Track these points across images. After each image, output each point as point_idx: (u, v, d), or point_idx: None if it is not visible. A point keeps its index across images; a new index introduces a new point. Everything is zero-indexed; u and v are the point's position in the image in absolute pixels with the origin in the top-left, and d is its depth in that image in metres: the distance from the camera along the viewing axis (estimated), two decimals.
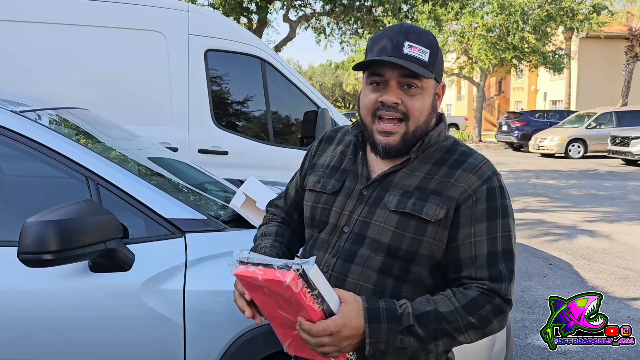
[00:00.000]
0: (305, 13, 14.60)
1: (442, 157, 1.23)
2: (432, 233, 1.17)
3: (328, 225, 1.28)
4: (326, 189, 1.29)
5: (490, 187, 1.19)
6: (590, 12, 20.82)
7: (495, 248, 1.18)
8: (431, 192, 1.18)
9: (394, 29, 1.18)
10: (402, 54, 1.14)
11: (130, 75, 4.26)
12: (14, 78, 3.91)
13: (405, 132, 1.19)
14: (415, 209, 1.17)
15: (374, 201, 1.22)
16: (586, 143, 17.46)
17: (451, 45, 20.96)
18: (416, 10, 14.89)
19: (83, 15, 4.15)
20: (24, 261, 1.48)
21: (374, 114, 1.20)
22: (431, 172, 1.21)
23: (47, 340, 1.73)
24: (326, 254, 1.25)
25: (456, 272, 1.19)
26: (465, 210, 1.17)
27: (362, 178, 1.26)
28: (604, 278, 4.94)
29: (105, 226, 1.59)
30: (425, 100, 1.19)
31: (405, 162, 1.23)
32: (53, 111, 2.30)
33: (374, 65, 1.17)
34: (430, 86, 1.20)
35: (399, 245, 1.18)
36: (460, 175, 1.19)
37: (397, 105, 1.17)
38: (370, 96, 1.20)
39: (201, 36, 4.38)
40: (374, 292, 1.19)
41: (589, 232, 6.75)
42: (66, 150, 1.82)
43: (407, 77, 1.16)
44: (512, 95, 35.38)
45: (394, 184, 1.22)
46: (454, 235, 1.18)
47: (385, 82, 1.17)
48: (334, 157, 1.35)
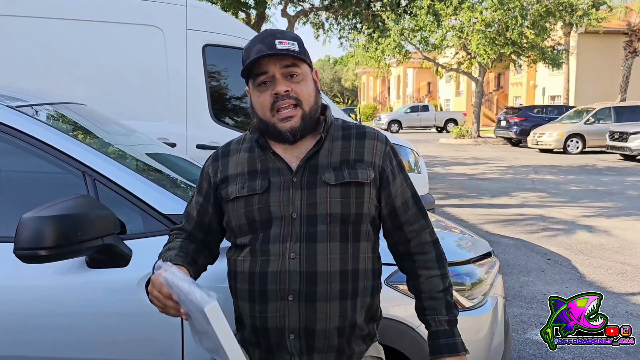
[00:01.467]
0: (303, 8, 14.56)
1: (344, 133, 1.44)
2: (368, 193, 1.38)
3: (274, 220, 1.35)
4: (255, 189, 1.37)
5: (391, 147, 1.47)
6: (589, 7, 20.78)
7: (412, 191, 1.49)
8: (354, 161, 1.39)
9: (261, 35, 1.37)
10: (276, 48, 1.32)
11: (128, 70, 4.25)
12: (11, 73, 3.89)
13: (302, 114, 1.35)
14: (352, 177, 1.36)
15: (308, 184, 1.36)
16: (585, 138, 17.46)
17: (450, 40, 20.91)
18: (414, 6, 14.86)
19: (80, 10, 4.13)
20: (20, 257, 1.47)
21: (272, 108, 1.34)
22: (344, 146, 1.41)
23: (44, 336, 1.72)
24: (286, 243, 1.34)
25: (394, 219, 1.45)
26: (387, 169, 1.43)
27: (284, 169, 1.38)
28: (602, 273, 4.95)
29: (103, 222, 1.58)
30: (309, 84, 1.38)
31: (317, 144, 1.39)
32: (50, 106, 2.29)
33: (257, 66, 1.33)
34: (307, 72, 1.39)
35: (349, 211, 1.36)
36: (369, 143, 1.43)
37: (289, 92, 1.33)
38: (262, 95, 1.35)
39: (199, 31, 4.37)
40: (341, 261, 1.35)
41: (587, 228, 6.76)
42: (63, 145, 1.81)
43: (288, 67, 1.34)
44: (511, 90, 35.37)
45: (320, 165, 1.38)
46: (389, 191, 1.43)
47: (272, 78, 1.34)
48: (243, 163, 1.43)
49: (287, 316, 1.33)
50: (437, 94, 43.59)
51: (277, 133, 1.36)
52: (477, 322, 2.02)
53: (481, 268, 2.12)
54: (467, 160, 15.57)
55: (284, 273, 1.32)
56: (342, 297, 1.35)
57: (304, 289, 1.32)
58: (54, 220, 1.45)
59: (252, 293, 1.36)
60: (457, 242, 2.39)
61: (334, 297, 1.34)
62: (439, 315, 1.45)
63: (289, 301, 1.33)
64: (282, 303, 1.33)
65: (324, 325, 1.34)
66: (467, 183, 10.85)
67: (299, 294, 1.32)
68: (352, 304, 1.36)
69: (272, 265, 1.33)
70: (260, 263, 1.35)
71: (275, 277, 1.33)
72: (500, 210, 7.93)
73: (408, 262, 1.50)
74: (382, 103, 50.07)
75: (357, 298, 1.37)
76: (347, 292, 1.35)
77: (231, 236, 1.44)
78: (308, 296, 1.32)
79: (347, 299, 1.35)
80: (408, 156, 5.30)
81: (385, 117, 32.24)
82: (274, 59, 1.32)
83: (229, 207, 1.41)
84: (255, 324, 1.37)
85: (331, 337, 1.35)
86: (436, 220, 2.70)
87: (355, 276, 1.37)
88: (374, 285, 1.43)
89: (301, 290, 1.32)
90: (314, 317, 1.33)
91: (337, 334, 1.36)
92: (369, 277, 1.40)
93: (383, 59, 21.70)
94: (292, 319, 1.33)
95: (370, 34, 15.06)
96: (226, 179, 1.43)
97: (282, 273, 1.33)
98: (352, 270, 1.36)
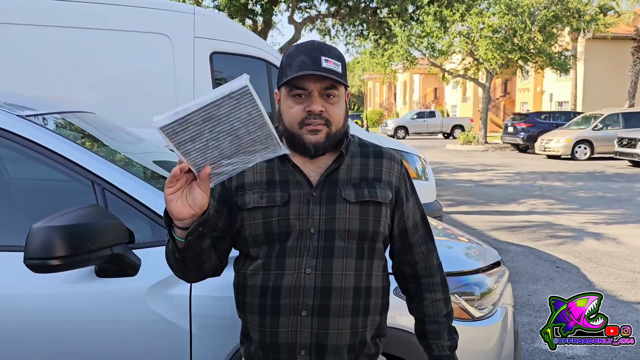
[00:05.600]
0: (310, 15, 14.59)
1: (362, 151, 1.45)
2: (385, 212, 1.40)
3: (292, 232, 1.34)
4: (275, 201, 1.35)
5: (405, 169, 1.49)
6: (597, 12, 20.73)
7: (422, 214, 1.52)
8: (373, 180, 1.40)
9: (306, 45, 1.34)
10: (321, 67, 1.29)
11: (136, 78, 4.27)
12: (20, 81, 3.92)
13: (328, 132, 1.34)
14: (372, 196, 1.37)
15: (327, 199, 1.36)
16: (593, 144, 17.36)
17: (457, 46, 20.91)
18: (422, 12, 14.86)
19: (89, 19, 4.16)
20: (30, 267, 1.48)
21: (301, 122, 1.32)
22: (363, 163, 1.42)
23: (53, 345, 1.72)
24: (302, 257, 1.33)
25: (404, 239, 1.47)
26: (402, 190, 1.45)
27: (303, 183, 1.37)
28: (611, 281, 4.90)
29: (112, 231, 1.59)
30: (342, 107, 1.36)
31: (338, 160, 1.39)
32: (59, 115, 2.30)
33: (298, 79, 1.30)
34: (343, 94, 1.36)
35: (367, 229, 1.36)
36: (387, 163, 1.45)
37: (322, 112, 1.31)
38: (295, 107, 1.32)
39: (206, 39, 4.39)
40: (355, 277, 1.35)
41: (596, 235, 6.71)
42: (72, 154, 1.82)
43: (327, 88, 1.31)
44: (518, 96, 35.25)
45: (340, 181, 1.38)
46: (402, 211, 1.45)
47: (308, 93, 1.31)
48: (262, 173, 1.40)
49: (299, 331, 1.32)
50: (443, 100, 43.51)
51: (301, 145, 1.34)
52: (486, 332, 2.00)
53: (490, 277, 2.10)
54: (475, 166, 15.51)
55: (299, 288, 1.31)
56: (354, 314, 1.34)
57: (318, 303, 1.31)
58: (64, 230, 1.45)
59: (263, 307, 1.34)
60: (466, 252, 2.38)
61: (347, 313, 1.33)
62: (441, 340, 1.46)
63: (302, 316, 1.31)
64: (294, 318, 1.32)
65: (335, 342, 1.33)
66: (475, 190, 10.80)
67: (312, 309, 1.31)
68: (363, 321, 1.36)
69: (286, 280, 1.32)
70: (274, 277, 1.33)
71: (289, 291, 1.31)
72: (508, 217, 7.89)
73: (414, 284, 1.51)
74: (389, 109, 50.06)
75: (368, 315, 1.37)
76: (360, 309, 1.35)
77: (243, 245, 1.41)
78: (321, 311, 1.31)
79: (359, 316, 1.36)
80: (415, 163, 5.28)
81: (392, 123, 32.20)
82: (315, 78, 1.29)
83: (244, 215, 1.37)
84: (265, 339, 1.35)
85: (341, 353, 1.34)
86: (443, 228, 2.69)
87: (368, 293, 1.37)
88: (383, 303, 1.43)
89: (315, 305, 1.31)
90: (326, 333, 1.32)
91: (347, 350, 1.35)
92: (379, 295, 1.41)
93: (389, 65, 21.72)
94: (304, 334, 1.32)
95: (377, 40, 15.08)
96: (242, 187, 1.39)
97: (296, 288, 1.31)
98: (365, 288, 1.36)
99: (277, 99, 1.39)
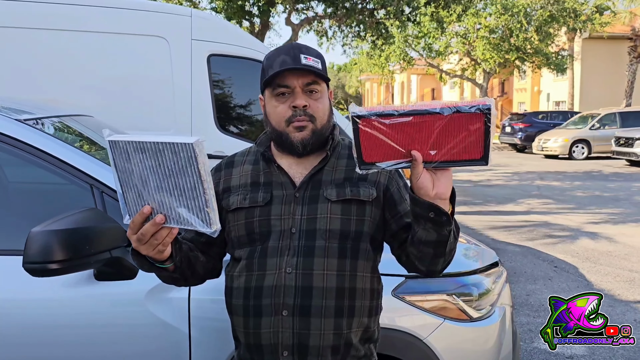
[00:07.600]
0: (307, 16, 14.60)
1: (350, 153, 1.42)
2: (369, 212, 1.37)
3: (272, 233, 1.35)
4: (257, 201, 1.37)
5: (397, 170, 1.43)
6: (593, 12, 20.78)
7: None
8: (358, 180, 1.38)
9: (285, 46, 1.38)
10: (301, 63, 1.32)
11: (134, 81, 4.27)
12: (18, 84, 3.92)
13: (314, 129, 1.35)
14: (354, 194, 1.36)
15: (310, 199, 1.36)
16: (590, 144, 17.40)
17: (455, 46, 20.94)
18: (419, 13, 14.89)
19: (85, 22, 4.15)
20: (29, 271, 1.48)
21: (288, 120, 1.34)
22: (349, 164, 1.41)
23: (52, 349, 1.72)
24: (283, 257, 1.33)
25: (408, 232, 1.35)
26: (392, 188, 1.41)
27: (287, 184, 1.38)
28: (609, 281, 4.92)
29: (111, 235, 1.59)
30: (325, 102, 1.38)
31: (323, 161, 1.39)
32: (56, 119, 2.30)
33: (279, 78, 1.33)
34: (325, 90, 1.38)
35: (349, 228, 1.35)
36: None
37: (306, 107, 1.33)
38: (280, 106, 1.35)
39: (204, 41, 4.39)
40: (338, 277, 1.33)
41: (594, 234, 6.72)
42: (70, 158, 1.82)
43: (309, 84, 1.33)
44: (515, 96, 35.30)
45: (323, 181, 1.38)
46: (396, 211, 1.39)
47: (291, 91, 1.33)
48: (247, 175, 1.43)
49: (281, 332, 1.31)
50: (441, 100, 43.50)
51: (288, 143, 1.36)
52: (485, 333, 2.01)
53: (488, 278, 2.11)
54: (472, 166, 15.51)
55: (280, 287, 1.31)
56: (337, 315, 1.32)
57: (299, 303, 1.30)
58: (63, 234, 1.45)
59: (246, 308, 1.34)
60: (464, 252, 2.38)
61: (329, 313, 1.31)
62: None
63: (283, 316, 1.30)
64: (276, 318, 1.31)
65: (318, 342, 1.31)
66: (473, 190, 10.82)
67: (294, 309, 1.30)
68: (348, 322, 1.33)
69: (267, 280, 1.32)
70: (257, 277, 1.33)
71: (271, 291, 1.31)
72: (506, 217, 7.91)
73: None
74: None
75: (353, 317, 1.34)
76: (343, 310, 1.33)
77: (230, 248, 1.43)
78: (302, 311, 1.30)
79: (343, 317, 1.33)
80: None
81: None
82: (297, 74, 1.32)
83: (229, 217, 1.40)
84: (249, 340, 1.35)
85: (325, 355, 1.32)
86: None
87: (352, 294, 1.34)
88: (372, 306, 1.39)
89: (295, 304, 1.30)
90: (307, 333, 1.30)
91: (331, 352, 1.32)
92: (366, 297, 1.37)
93: (387, 66, 21.74)
94: (286, 334, 1.31)
95: (374, 41, 15.10)
96: (228, 190, 1.42)
97: (277, 287, 1.31)
98: (349, 288, 1.34)
99: (262, 104, 1.41)
